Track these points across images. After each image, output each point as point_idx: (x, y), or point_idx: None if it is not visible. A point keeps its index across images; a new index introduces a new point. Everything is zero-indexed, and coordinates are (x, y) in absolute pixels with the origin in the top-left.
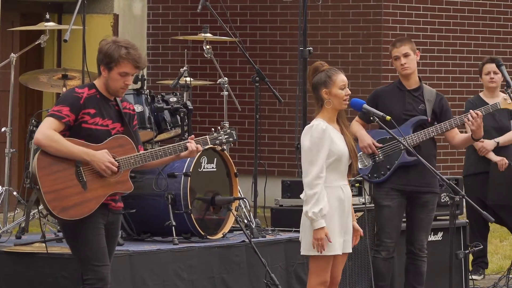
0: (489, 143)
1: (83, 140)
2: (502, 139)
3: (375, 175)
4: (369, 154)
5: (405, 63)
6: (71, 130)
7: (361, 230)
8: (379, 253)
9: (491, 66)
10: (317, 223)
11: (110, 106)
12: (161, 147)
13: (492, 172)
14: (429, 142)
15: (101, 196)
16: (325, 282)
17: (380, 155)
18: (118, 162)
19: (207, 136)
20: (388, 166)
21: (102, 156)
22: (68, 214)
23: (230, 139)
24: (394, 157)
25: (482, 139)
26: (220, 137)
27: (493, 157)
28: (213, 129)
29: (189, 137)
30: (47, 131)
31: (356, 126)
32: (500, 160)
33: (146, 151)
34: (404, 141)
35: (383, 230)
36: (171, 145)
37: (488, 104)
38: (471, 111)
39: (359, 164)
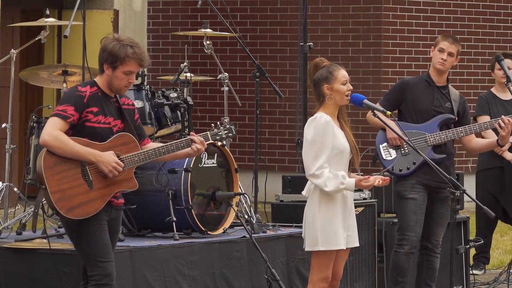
0: None
1: (87, 138)
2: None
3: (400, 168)
4: (395, 146)
5: (445, 60)
6: (74, 129)
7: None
8: (401, 248)
9: (506, 62)
10: (349, 185)
11: (111, 103)
12: (164, 144)
13: (506, 170)
14: (451, 140)
15: (106, 194)
16: (326, 278)
17: (406, 148)
18: (123, 161)
19: (207, 132)
20: (414, 161)
21: (108, 157)
22: (75, 213)
23: (230, 134)
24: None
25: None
26: (220, 133)
27: (507, 155)
28: (212, 124)
29: (190, 133)
30: (54, 131)
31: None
32: None
33: (149, 149)
34: (432, 137)
35: (407, 223)
36: (173, 141)
37: (500, 98)
38: (502, 116)
39: (383, 155)
